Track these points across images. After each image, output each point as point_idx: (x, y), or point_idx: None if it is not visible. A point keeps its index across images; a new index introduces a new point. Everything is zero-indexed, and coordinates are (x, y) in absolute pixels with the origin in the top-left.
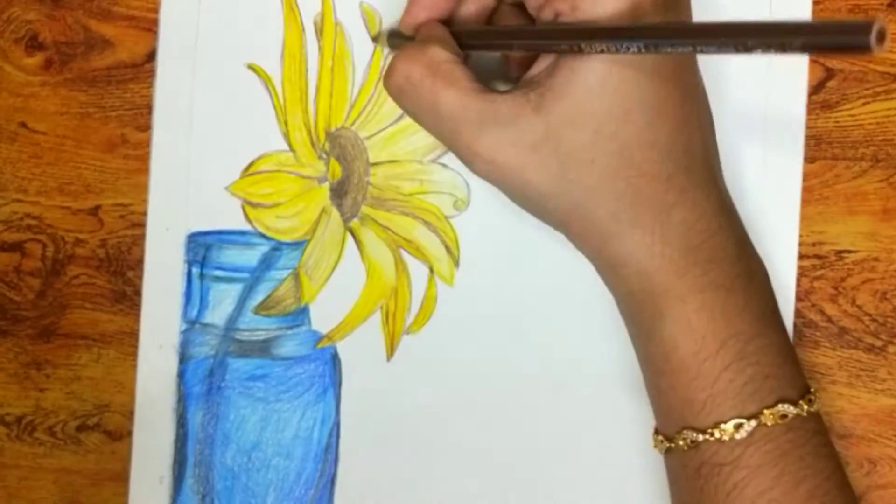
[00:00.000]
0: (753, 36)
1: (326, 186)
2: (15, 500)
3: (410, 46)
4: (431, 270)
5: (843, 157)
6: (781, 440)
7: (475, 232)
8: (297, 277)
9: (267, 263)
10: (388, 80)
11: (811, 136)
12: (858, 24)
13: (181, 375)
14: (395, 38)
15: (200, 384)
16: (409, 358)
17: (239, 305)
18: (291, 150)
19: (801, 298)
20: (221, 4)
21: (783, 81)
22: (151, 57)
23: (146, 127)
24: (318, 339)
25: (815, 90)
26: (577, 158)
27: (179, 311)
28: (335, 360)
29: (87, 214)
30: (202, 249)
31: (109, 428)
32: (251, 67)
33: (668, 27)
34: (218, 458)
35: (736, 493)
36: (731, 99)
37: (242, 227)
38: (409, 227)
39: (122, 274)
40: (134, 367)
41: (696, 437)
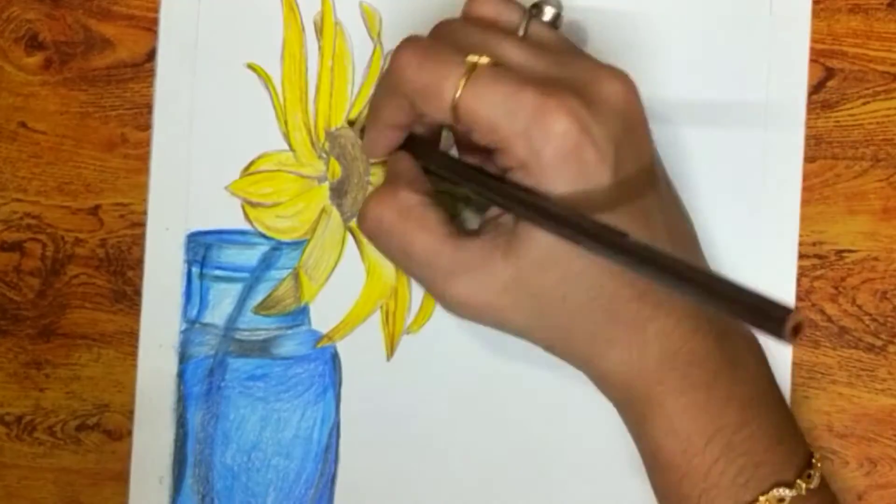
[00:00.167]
0: (684, 286)
1: (326, 186)
2: (15, 499)
3: (381, 189)
4: None
5: (843, 156)
6: None
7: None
8: (296, 277)
9: (267, 263)
10: (361, 222)
11: (811, 136)
12: (778, 308)
13: (181, 375)
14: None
15: (200, 384)
16: (409, 358)
17: (239, 305)
18: (291, 149)
19: (801, 298)
20: (221, 4)
21: (783, 81)
22: (151, 56)
23: (146, 127)
24: (318, 338)
25: (815, 90)
26: (550, 296)
27: (179, 310)
28: (335, 359)
29: (86, 214)
30: (202, 249)
31: (109, 428)
32: (251, 67)
33: (609, 248)
34: (218, 457)
35: None
36: (731, 99)
37: (242, 226)
38: None
39: (121, 274)
40: (134, 366)
41: None
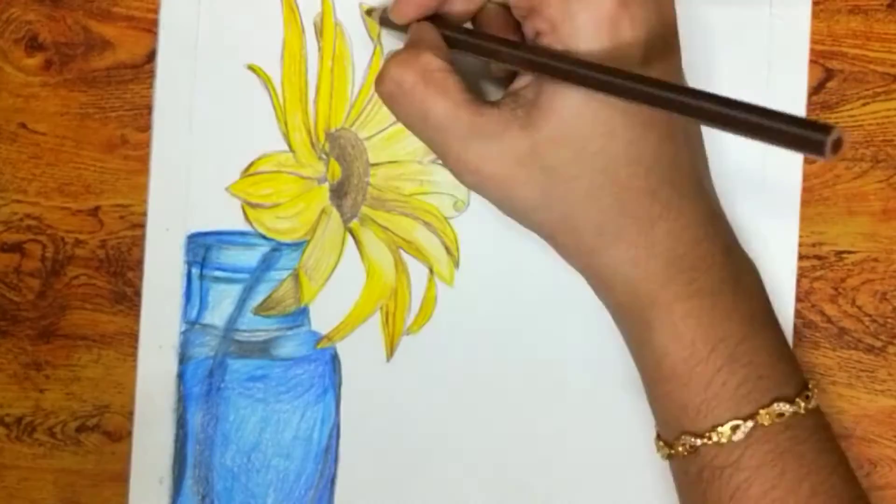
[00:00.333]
0: (715, 117)
1: (326, 187)
2: (15, 500)
3: (403, 52)
4: (431, 271)
5: (843, 157)
6: (780, 439)
7: (475, 233)
8: (296, 278)
9: (267, 264)
10: (379, 84)
11: None
12: (817, 126)
13: (181, 376)
14: (387, 22)
15: (200, 385)
16: (408, 358)
17: (239, 306)
18: (291, 150)
19: (801, 299)
20: (221, 5)
21: (783, 81)
22: (151, 57)
23: (146, 127)
24: (317, 339)
25: (815, 90)
26: (562, 174)
27: (179, 311)
28: (335, 360)
29: (86, 215)
30: (202, 250)
31: (109, 429)
32: (251, 68)
33: (635, 87)
34: (218, 458)
35: (739, 494)
36: None
37: (242, 227)
38: (408, 227)
39: (121, 274)
40: (134, 367)
41: (694, 441)
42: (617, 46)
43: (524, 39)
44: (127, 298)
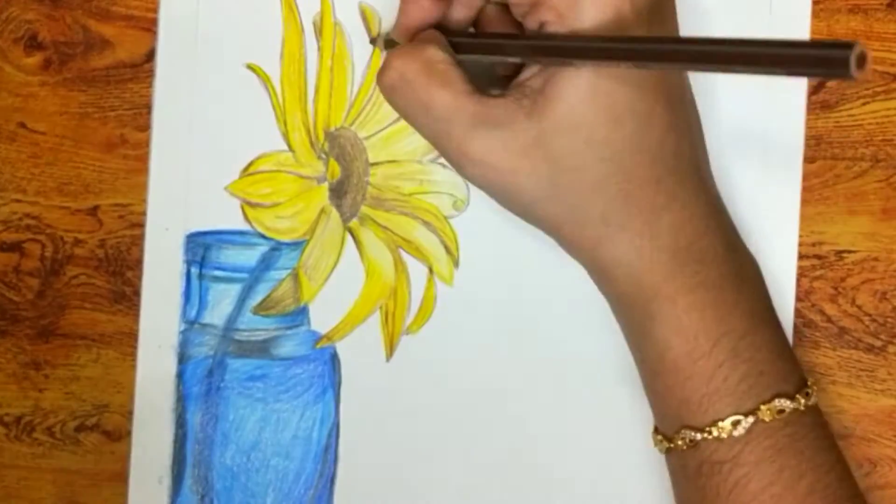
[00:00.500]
0: (739, 59)
1: (326, 186)
2: (14, 500)
3: (407, 45)
4: (431, 270)
5: (843, 157)
6: (780, 435)
7: (475, 232)
8: (296, 277)
9: (266, 263)
10: (381, 76)
11: (811, 136)
12: (838, 46)
13: (180, 376)
14: (392, 43)
15: (199, 384)
16: (408, 358)
17: (238, 305)
18: (291, 150)
19: (801, 298)
20: (221, 4)
21: (783, 81)
22: (151, 57)
23: (145, 127)
24: (317, 339)
25: (815, 90)
26: (568, 164)
27: (178, 311)
28: (334, 360)
29: (86, 214)
30: (201, 249)
31: (108, 428)
32: (251, 67)
33: (653, 48)
34: (217, 458)
35: (737, 490)
36: (730, 99)
37: (241, 227)
38: (408, 227)
39: (121, 274)
40: (133, 367)
41: (694, 436)
42: (621, 21)
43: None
44: (126, 298)
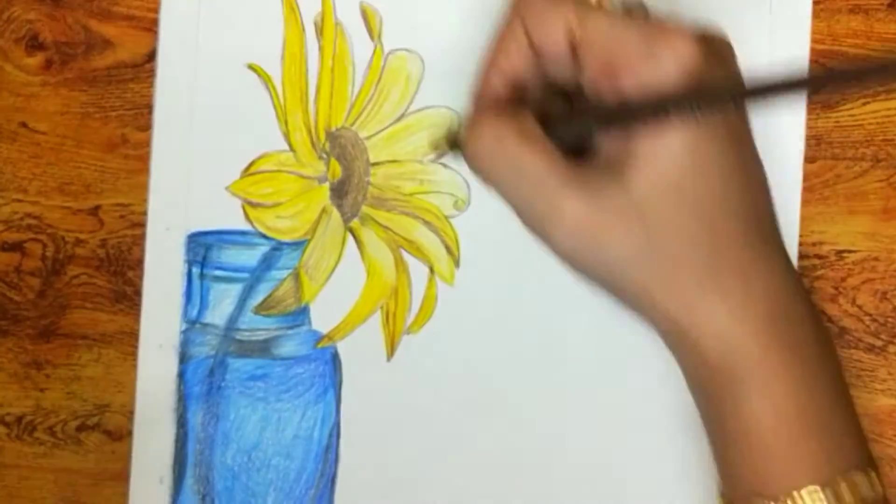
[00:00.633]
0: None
1: (327, 186)
2: (15, 500)
3: (497, 113)
4: (432, 270)
5: (843, 157)
6: None
7: (475, 232)
8: (297, 277)
9: (267, 263)
10: (472, 141)
11: (811, 136)
12: None
13: (181, 375)
14: (456, 142)
15: (201, 384)
16: (409, 358)
17: (239, 305)
18: (292, 150)
19: None
20: (221, 4)
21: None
22: (151, 57)
23: (146, 127)
24: (318, 338)
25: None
26: (661, 226)
27: (179, 311)
28: (335, 359)
29: (87, 214)
30: (202, 249)
31: (109, 428)
32: (251, 67)
33: (750, 88)
34: (218, 458)
35: None
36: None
37: (243, 227)
38: (409, 226)
39: (122, 274)
40: (134, 367)
41: None
42: (696, 64)
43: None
44: (127, 298)
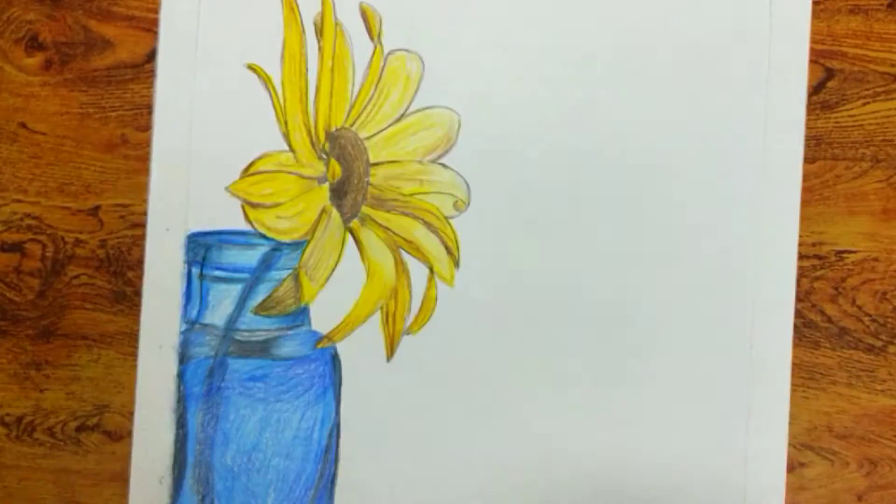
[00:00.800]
0: None
1: (326, 187)
2: (15, 500)
3: None
4: (431, 271)
5: (843, 157)
6: None
7: (475, 232)
8: (297, 278)
9: (267, 264)
10: None
11: (811, 136)
12: None
13: (181, 376)
14: None
15: (200, 385)
16: (409, 358)
17: (239, 306)
18: (291, 150)
19: (801, 298)
20: (221, 4)
21: (783, 81)
22: (151, 57)
23: (146, 127)
24: (318, 339)
25: (815, 90)
26: None
27: (179, 311)
28: (335, 360)
29: (86, 215)
30: (202, 250)
31: (109, 428)
32: (251, 67)
33: None
34: (218, 458)
35: None
36: (731, 99)
37: (242, 227)
38: (409, 227)
39: (122, 274)
40: (134, 367)
41: None
42: None
43: None
44: (127, 298)
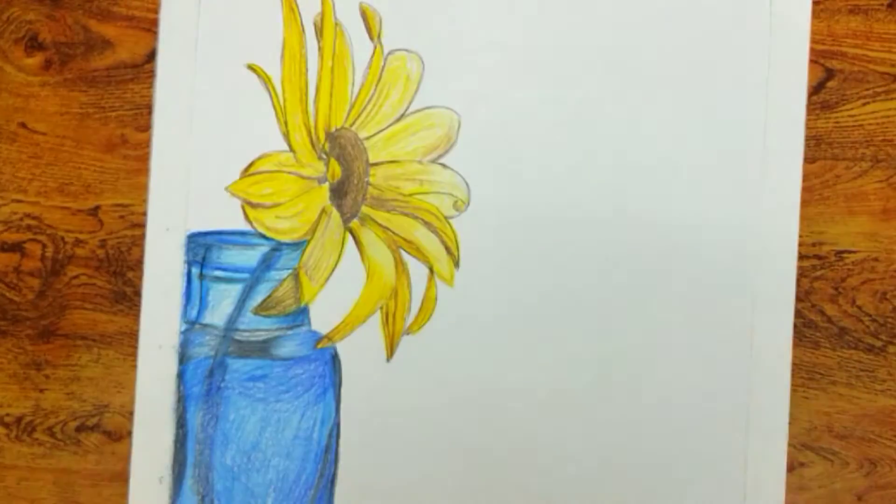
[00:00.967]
0: None
1: (326, 187)
2: (15, 500)
3: None
4: (431, 271)
5: (843, 157)
6: None
7: (475, 232)
8: (296, 278)
9: (267, 264)
10: None
11: (811, 136)
12: None
13: (181, 376)
14: None
15: (200, 385)
16: (409, 358)
17: (239, 306)
18: (291, 150)
19: (801, 298)
20: (221, 4)
21: (783, 81)
22: (151, 57)
23: (146, 127)
24: (317, 339)
25: (815, 90)
26: None
27: (179, 311)
28: (335, 360)
29: (86, 215)
30: (202, 250)
31: (109, 428)
32: (251, 67)
33: None
34: (218, 458)
35: None
36: (731, 99)
37: (242, 227)
38: (409, 227)
39: (121, 274)
40: (134, 367)
41: None
42: None
43: None
44: (127, 298)
